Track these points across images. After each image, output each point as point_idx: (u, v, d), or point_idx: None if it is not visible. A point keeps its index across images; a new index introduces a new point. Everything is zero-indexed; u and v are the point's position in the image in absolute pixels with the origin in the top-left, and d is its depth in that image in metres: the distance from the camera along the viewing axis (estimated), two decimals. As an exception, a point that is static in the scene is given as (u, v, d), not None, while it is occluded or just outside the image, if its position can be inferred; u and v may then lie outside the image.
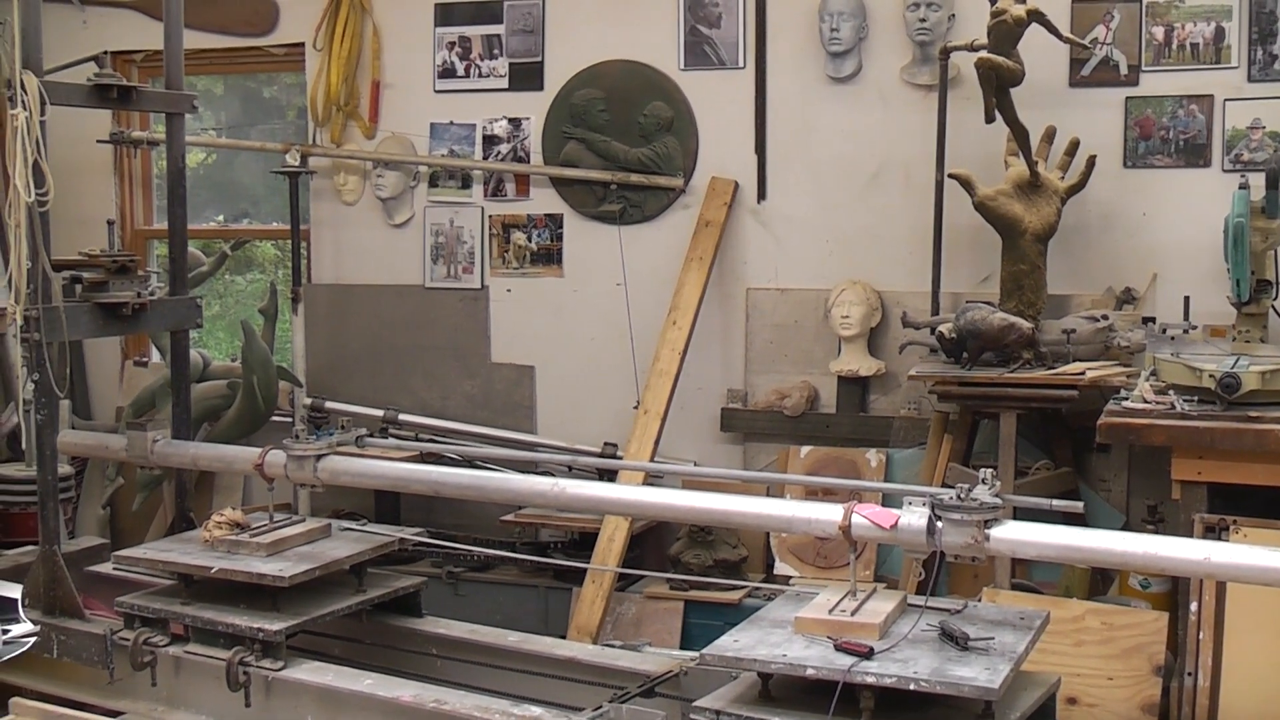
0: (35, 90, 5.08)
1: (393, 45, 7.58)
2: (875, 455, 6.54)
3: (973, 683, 3.51)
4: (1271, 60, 5.94)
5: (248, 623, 4.81)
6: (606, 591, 6.27)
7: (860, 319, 6.51)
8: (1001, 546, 3.89)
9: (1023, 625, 3.97)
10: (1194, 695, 4.67)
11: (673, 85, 7.00)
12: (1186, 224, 6.07)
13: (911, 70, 6.54)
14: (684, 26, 6.95)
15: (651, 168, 7.03)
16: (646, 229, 7.11)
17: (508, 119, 7.35)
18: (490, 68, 7.36)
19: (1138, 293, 6.11)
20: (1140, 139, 6.15)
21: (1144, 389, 5.06)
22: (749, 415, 6.89)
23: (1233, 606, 4.67)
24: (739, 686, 3.87)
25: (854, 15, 6.56)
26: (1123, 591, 5.48)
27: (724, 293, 6.93)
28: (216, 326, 8.98)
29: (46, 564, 5.39)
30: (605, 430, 6.92)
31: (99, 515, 7.65)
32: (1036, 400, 5.63)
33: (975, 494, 3.86)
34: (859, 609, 3.93)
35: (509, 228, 7.34)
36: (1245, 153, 5.98)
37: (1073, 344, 5.69)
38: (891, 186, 6.61)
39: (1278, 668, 4.60)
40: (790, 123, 6.81)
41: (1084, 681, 4.87)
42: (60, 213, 5.51)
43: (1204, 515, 4.76)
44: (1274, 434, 4.62)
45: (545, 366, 7.34)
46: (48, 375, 5.32)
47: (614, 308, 7.08)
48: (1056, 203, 5.89)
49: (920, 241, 6.39)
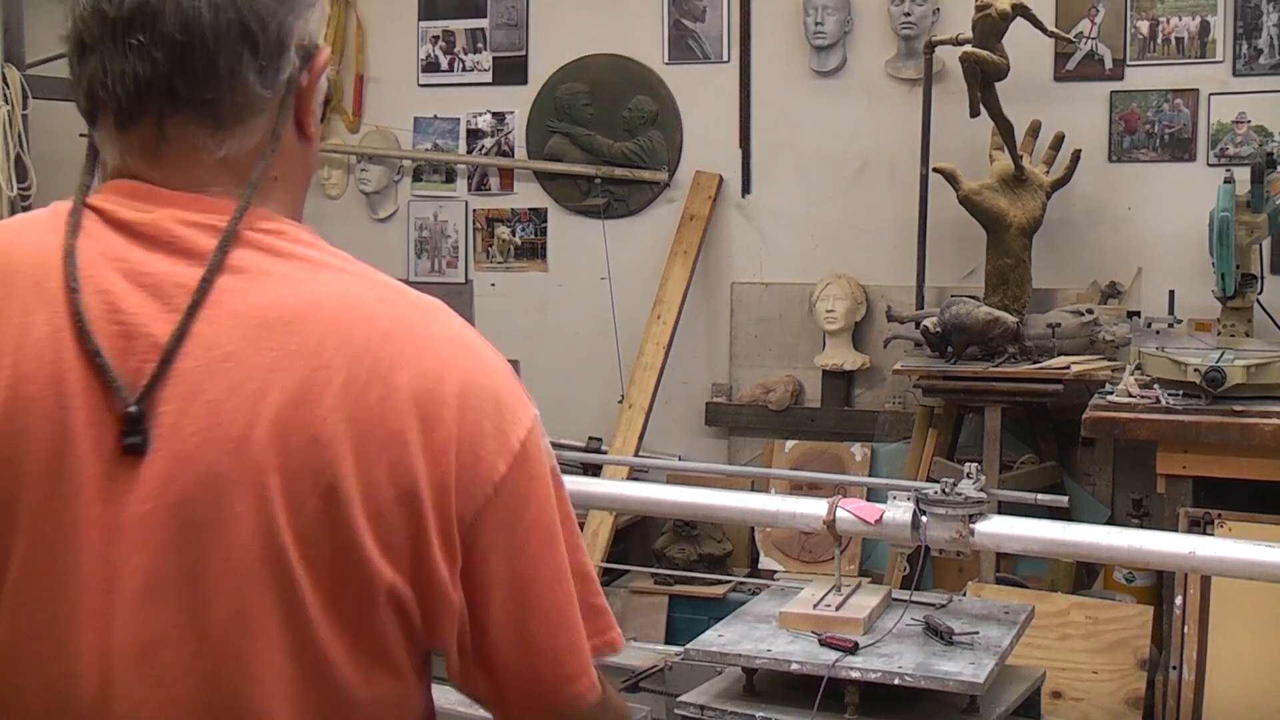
0: (17, 84, 5.07)
1: (376, 39, 7.56)
2: (860, 449, 6.54)
3: (957, 677, 3.51)
4: (1257, 54, 5.95)
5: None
6: (591, 586, 6.26)
7: (845, 313, 6.51)
8: (986, 541, 3.88)
9: (1007, 620, 3.97)
10: (1179, 689, 4.67)
11: (657, 79, 6.99)
12: (1171, 218, 6.07)
13: (896, 64, 6.54)
14: (668, 20, 6.94)
15: (636, 162, 7.02)
16: (631, 223, 7.10)
17: (492, 113, 7.34)
18: (474, 61, 7.35)
19: (1123, 287, 6.11)
20: (1125, 133, 6.15)
21: (1129, 383, 5.06)
22: (734, 409, 6.89)
23: (1217, 600, 4.67)
24: (723, 681, 3.86)
25: (839, 9, 6.56)
26: (1107, 586, 5.48)
27: (708, 287, 6.93)
28: (200, 321, 8.97)
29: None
30: (590, 425, 6.91)
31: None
32: (1021, 394, 5.63)
33: (960, 488, 3.85)
34: (843, 604, 3.93)
35: (493, 222, 7.33)
36: (1230, 147, 5.99)
37: (1058, 338, 5.69)
38: (876, 180, 6.61)
39: (1262, 661, 4.61)
40: (775, 116, 6.80)
41: (1069, 675, 4.88)
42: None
43: (1189, 509, 4.75)
44: (1259, 428, 4.62)
45: (529, 361, 7.31)
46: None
47: (598, 302, 7.08)
48: (1041, 197, 5.89)
49: (905, 236, 6.39)
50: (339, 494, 1.40)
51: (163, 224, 1.48)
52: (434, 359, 1.50)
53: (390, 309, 1.54)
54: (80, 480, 1.40)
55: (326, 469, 1.40)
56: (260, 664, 1.41)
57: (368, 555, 1.41)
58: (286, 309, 1.45)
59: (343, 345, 1.44)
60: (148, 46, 1.46)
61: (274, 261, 1.49)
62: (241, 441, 1.39)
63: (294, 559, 1.40)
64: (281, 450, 1.39)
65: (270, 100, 1.53)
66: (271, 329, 1.43)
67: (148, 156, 1.53)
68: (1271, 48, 5.93)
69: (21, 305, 1.45)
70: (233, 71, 1.48)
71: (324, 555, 1.41)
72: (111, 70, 1.49)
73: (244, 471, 1.39)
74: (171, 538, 1.39)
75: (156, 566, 1.39)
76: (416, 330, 1.54)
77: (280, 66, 1.52)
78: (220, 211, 1.49)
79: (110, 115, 1.54)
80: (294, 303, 1.46)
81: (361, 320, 1.48)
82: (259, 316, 1.44)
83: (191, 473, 1.39)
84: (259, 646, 1.41)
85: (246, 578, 1.40)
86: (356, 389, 1.43)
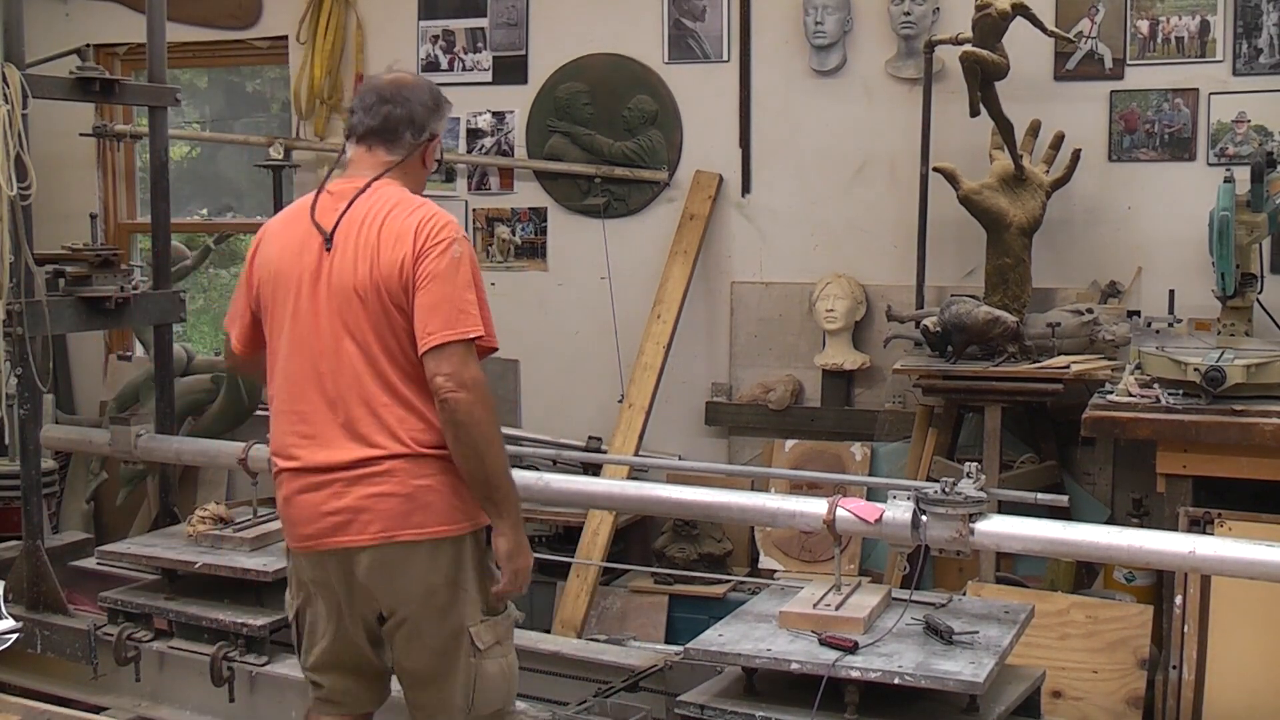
0: (17, 83, 5.07)
1: (376, 38, 7.56)
2: (860, 449, 6.54)
3: (957, 677, 3.52)
4: (1256, 54, 5.95)
5: (232, 618, 4.81)
6: (591, 586, 6.27)
7: (845, 313, 6.51)
8: (986, 540, 3.89)
9: (1007, 619, 3.98)
10: (1179, 688, 4.68)
11: (657, 79, 6.99)
12: (1171, 218, 6.07)
13: (896, 64, 6.54)
14: (668, 20, 6.94)
15: (636, 161, 7.02)
16: (631, 223, 7.10)
17: (492, 112, 7.34)
18: (474, 61, 7.35)
19: (1123, 286, 6.12)
20: (1125, 132, 6.16)
21: (1129, 383, 5.07)
22: (734, 409, 6.89)
23: (1217, 600, 4.68)
24: (723, 681, 3.87)
25: (839, 8, 6.56)
26: (1107, 585, 5.49)
27: (708, 287, 6.93)
28: (200, 320, 8.97)
29: (30, 559, 5.38)
30: (590, 424, 6.92)
31: (83, 510, 7.64)
32: (1021, 394, 5.63)
33: (960, 488, 3.86)
34: (843, 603, 3.94)
35: (493, 221, 7.33)
36: (1230, 146, 5.99)
37: (1058, 338, 5.70)
38: (876, 180, 6.61)
39: (1262, 661, 4.62)
40: (775, 116, 6.80)
41: (1069, 675, 4.88)
42: (43, 207, 5.50)
43: (1189, 509, 4.76)
44: (1259, 427, 4.63)
45: (530, 361, 7.32)
46: (31, 370, 5.31)
47: (599, 302, 7.08)
48: (1041, 196, 5.89)
49: (905, 235, 6.39)
50: (384, 289, 3.54)
51: (344, 186, 3.68)
52: (416, 219, 3.58)
53: (409, 212, 3.60)
54: (313, 276, 3.60)
55: (385, 279, 3.54)
56: (363, 348, 3.57)
57: (401, 302, 3.54)
58: (373, 213, 3.59)
59: (391, 227, 3.56)
60: (375, 115, 3.72)
61: (374, 197, 3.63)
62: (355, 266, 3.56)
63: (376, 305, 3.55)
64: (370, 271, 3.54)
65: (413, 145, 3.73)
66: (366, 220, 3.58)
67: (359, 158, 3.74)
68: (1271, 47, 5.93)
69: (297, 219, 3.70)
70: (399, 132, 3.71)
71: (381, 303, 3.55)
72: (361, 122, 3.74)
73: (356, 278, 3.56)
74: (336, 304, 3.57)
75: (332, 310, 3.56)
76: (414, 215, 3.59)
77: (419, 135, 3.73)
78: (369, 180, 3.66)
79: (355, 140, 3.75)
80: (376, 211, 3.60)
81: (400, 218, 3.58)
82: (363, 215, 3.59)
83: (339, 279, 3.56)
84: (360, 341, 3.57)
85: (356, 316, 3.55)
86: (389, 251, 3.55)
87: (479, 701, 3.68)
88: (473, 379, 3.45)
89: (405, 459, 3.54)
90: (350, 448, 3.55)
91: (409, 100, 3.69)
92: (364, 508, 3.54)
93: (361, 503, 3.55)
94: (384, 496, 3.54)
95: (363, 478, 3.55)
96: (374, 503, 3.54)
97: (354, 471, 3.55)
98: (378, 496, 3.54)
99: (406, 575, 3.57)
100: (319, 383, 3.58)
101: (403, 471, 3.54)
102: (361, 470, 3.55)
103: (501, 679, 3.71)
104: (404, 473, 3.54)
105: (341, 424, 3.56)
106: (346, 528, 3.56)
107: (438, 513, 3.56)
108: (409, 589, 3.58)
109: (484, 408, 3.47)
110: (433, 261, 3.50)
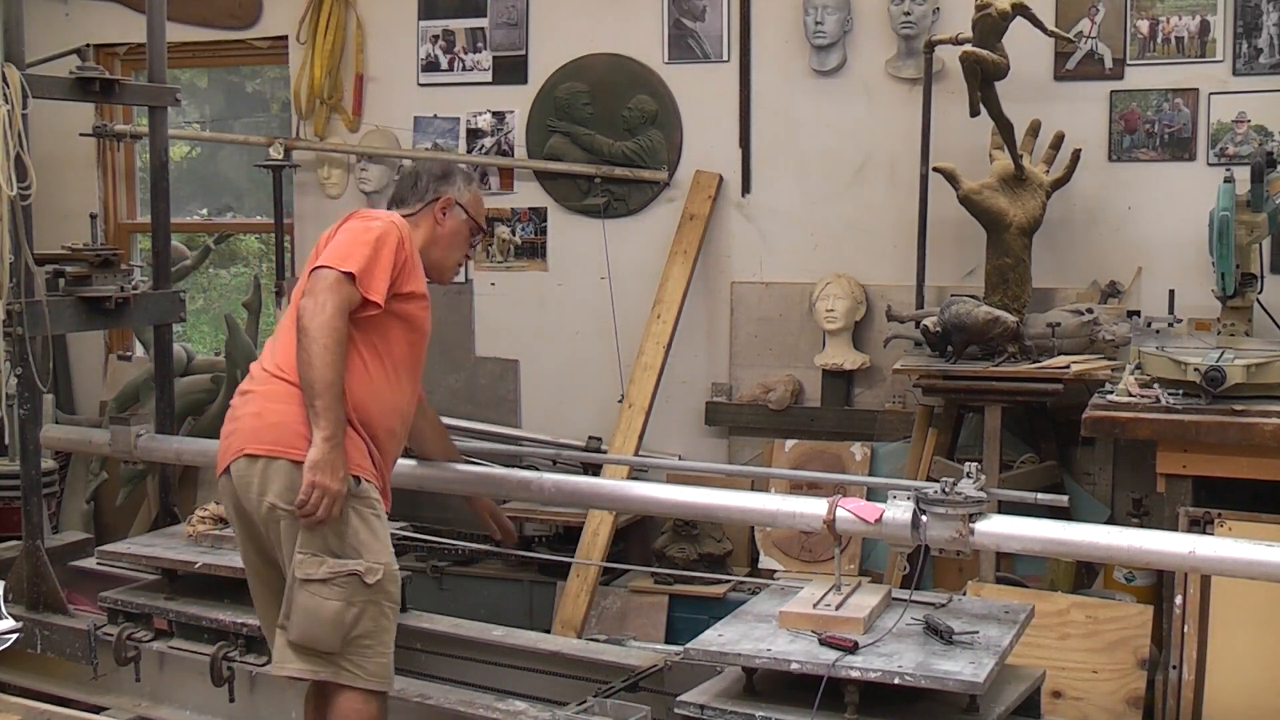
0: (17, 83, 5.07)
1: (376, 38, 7.57)
2: (860, 449, 6.54)
3: (957, 677, 3.51)
4: (1256, 54, 5.95)
5: (232, 618, 4.81)
6: (591, 586, 6.27)
7: (845, 313, 6.51)
8: (986, 540, 3.89)
9: (1007, 619, 3.98)
10: (1179, 688, 4.68)
11: (657, 79, 6.99)
12: (1171, 218, 6.07)
13: (896, 64, 6.54)
14: (668, 20, 6.94)
15: (636, 161, 7.02)
16: (631, 223, 7.10)
17: (491, 112, 7.34)
18: (474, 61, 7.35)
19: (1123, 286, 6.12)
20: (1125, 132, 6.16)
21: (1129, 382, 5.06)
22: (734, 409, 6.89)
23: (1217, 600, 4.67)
24: (723, 681, 3.86)
25: (839, 8, 6.56)
26: (1107, 585, 5.49)
27: (708, 286, 6.93)
28: (200, 320, 8.97)
29: (30, 559, 5.38)
30: (590, 424, 6.92)
31: (83, 510, 7.63)
32: (1021, 394, 5.63)
33: (960, 488, 3.86)
34: (843, 603, 3.94)
35: (493, 221, 7.32)
36: (1230, 146, 5.99)
37: (1058, 338, 5.69)
38: (876, 180, 6.61)
39: (1262, 661, 4.62)
40: (775, 116, 6.80)
41: (1069, 675, 4.88)
42: (43, 207, 5.50)
43: (1189, 509, 4.76)
44: (1259, 427, 4.62)
45: (530, 360, 7.33)
46: (31, 370, 5.31)
47: (598, 302, 7.08)
48: (1041, 196, 5.89)
49: (905, 235, 6.39)
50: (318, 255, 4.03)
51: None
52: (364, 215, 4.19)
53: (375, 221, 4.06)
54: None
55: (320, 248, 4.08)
56: None
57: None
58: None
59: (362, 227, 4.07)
60: (394, 186, 4.46)
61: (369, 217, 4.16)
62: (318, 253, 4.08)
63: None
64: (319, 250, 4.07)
65: (420, 202, 4.26)
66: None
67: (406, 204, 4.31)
68: (1271, 47, 5.93)
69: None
70: (405, 192, 4.32)
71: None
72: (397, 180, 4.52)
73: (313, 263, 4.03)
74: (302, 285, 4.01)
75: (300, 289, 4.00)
76: (374, 221, 4.05)
77: (425, 194, 4.27)
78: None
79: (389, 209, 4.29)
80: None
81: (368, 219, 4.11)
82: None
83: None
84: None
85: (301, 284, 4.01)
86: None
87: (292, 624, 3.91)
88: (325, 292, 3.82)
89: (271, 382, 3.99)
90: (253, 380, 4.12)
91: (418, 171, 4.37)
92: (235, 429, 4.03)
93: (236, 425, 4.04)
94: (249, 416, 4.00)
95: (242, 403, 4.07)
96: (241, 423, 4.01)
97: (240, 398, 4.09)
98: (246, 416, 4.01)
99: (251, 489, 3.94)
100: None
101: (263, 395, 4.00)
102: (242, 396, 4.09)
103: (313, 618, 3.88)
104: (264, 396, 4.00)
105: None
106: (227, 448, 4.03)
107: (280, 434, 3.92)
108: (252, 500, 3.95)
109: (323, 318, 3.80)
110: (350, 226, 4.06)
